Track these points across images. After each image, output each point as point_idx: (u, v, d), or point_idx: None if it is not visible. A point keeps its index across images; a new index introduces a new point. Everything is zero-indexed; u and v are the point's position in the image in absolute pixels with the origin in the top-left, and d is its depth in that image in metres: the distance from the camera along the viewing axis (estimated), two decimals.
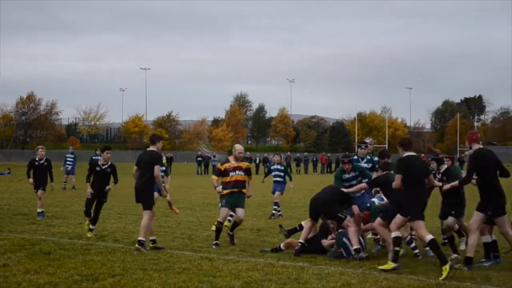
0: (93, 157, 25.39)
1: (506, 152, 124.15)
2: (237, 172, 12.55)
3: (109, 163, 14.28)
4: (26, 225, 15.54)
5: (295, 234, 12.50)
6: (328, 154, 69.82)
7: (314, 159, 67.90)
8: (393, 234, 10.10)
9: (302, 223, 12.38)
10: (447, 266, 9.23)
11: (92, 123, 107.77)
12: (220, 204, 12.75)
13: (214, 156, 59.12)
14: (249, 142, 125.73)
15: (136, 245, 11.84)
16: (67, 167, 31.21)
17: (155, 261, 10.55)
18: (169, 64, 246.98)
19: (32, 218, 17.06)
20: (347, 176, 12.40)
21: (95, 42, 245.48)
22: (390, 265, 9.88)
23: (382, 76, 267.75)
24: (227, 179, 12.52)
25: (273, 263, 10.51)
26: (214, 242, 12.47)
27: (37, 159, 17.80)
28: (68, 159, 31.47)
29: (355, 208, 11.82)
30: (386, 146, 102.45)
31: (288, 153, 67.66)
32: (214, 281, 9.01)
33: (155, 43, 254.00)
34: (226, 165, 12.61)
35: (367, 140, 12.98)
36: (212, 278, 9.18)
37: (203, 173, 54.17)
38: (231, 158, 12.86)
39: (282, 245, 11.81)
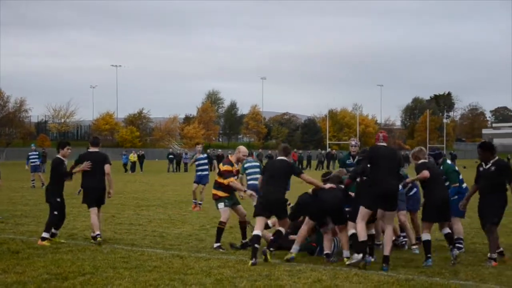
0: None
1: (474, 149, 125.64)
2: (236, 176, 12.27)
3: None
4: None
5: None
6: (300, 151, 69.88)
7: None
8: (352, 231, 10.35)
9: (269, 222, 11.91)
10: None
11: (62, 120, 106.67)
12: (221, 204, 11.96)
13: (186, 154, 58.94)
14: (220, 139, 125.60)
15: (92, 240, 12.29)
16: (33, 165, 30.65)
17: (125, 259, 10.48)
18: (140, 61, 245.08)
19: (1, 217, 16.82)
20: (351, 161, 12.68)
21: (65, 38, 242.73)
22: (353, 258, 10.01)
23: (353, 73, 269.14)
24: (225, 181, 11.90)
25: (245, 260, 10.51)
26: (217, 245, 11.76)
27: None
28: (31, 156, 30.89)
29: None
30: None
31: (260, 150, 67.71)
32: (185, 278, 8.99)
33: (126, 40, 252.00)
34: (235, 168, 12.06)
35: (352, 142, 13.15)
36: (183, 276, 9.17)
37: (174, 170, 53.94)
38: (232, 158, 12.21)
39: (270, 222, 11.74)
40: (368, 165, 10.14)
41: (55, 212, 12.37)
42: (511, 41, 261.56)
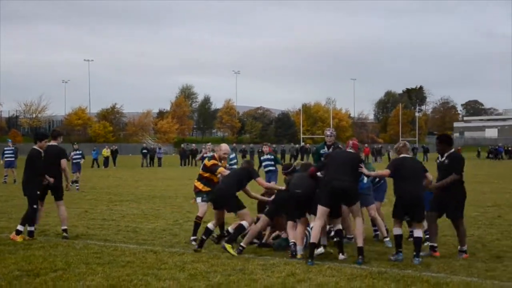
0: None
1: None
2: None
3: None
4: None
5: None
6: (274, 145, 70.11)
7: (260, 150, 68.11)
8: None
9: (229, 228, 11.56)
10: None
11: (34, 115, 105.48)
12: (199, 199, 12.00)
13: (159, 149, 58.69)
14: (193, 134, 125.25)
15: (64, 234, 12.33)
16: (7, 160, 30.39)
17: (98, 255, 10.41)
18: (113, 56, 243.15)
19: None
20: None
21: (36, 33, 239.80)
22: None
23: (326, 67, 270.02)
24: (214, 178, 11.93)
25: (218, 254, 10.51)
26: (192, 237, 11.82)
27: None
28: (6, 152, 30.64)
29: None
30: None
31: (234, 144, 67.69)
32: (158, 273, 8.96)
33: (98, 34, 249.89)
34: (213, 163, 11.91)
35: (328, 132, 13.02)
36: (157, 271, 9.13)
37: (148, 165, 53.70)
38: (216, 156, 12.03)
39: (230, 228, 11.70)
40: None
41: (34, 206, 12.12)
42: (481, 36, 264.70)
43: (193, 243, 11.64)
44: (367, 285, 8.22)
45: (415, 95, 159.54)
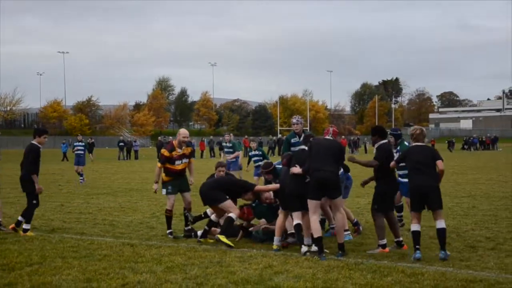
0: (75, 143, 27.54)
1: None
2: (183, 160, 12.05)
3: None
4: None
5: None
6: (251, 137, 70.09)
7: (238, 142, 68.10)
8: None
9: (208, 211, 11.86)
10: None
11: (8, 108, 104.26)
12: (165, 190, 12.00)
13: (135, 141, 58.41)
14: (167, 126, 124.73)
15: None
16: None
17: (74, 249, 10.35)
18: (88, 48, 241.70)
19: None
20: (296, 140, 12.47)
21: (9, 24, 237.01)
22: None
23: (303, 59, 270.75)
24: (172, 167, 11.93)
25: (196, 247, 10.50)
26: (168, 231, 11.87)
27: None
28: None
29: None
30: (308, 128, 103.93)
31: (211, 137, 67.55)
32: (135, 267, 8.93)
33: (74, 26, 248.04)
34: (173, 153, 11.96)
35: (294, 120, 12.91)
36: (134, 264, 9.10)
37: (125, 158, 53.41)
38: (175, 142, 12.11)
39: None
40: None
41: (34, 201, 11.94)
42: (456, 28, 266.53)
43: (170, 236, 11.66)
44: (344, 276, 8.27)
45: (391, 87, 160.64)
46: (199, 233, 11.47)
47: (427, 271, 8.48)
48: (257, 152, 20.11)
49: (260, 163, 19.90)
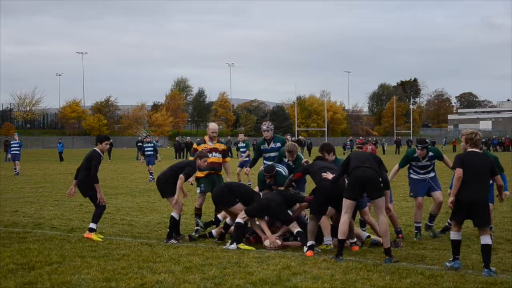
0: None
1: (440, 134, 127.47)
2: (214, 154, 12.20)
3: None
4: None
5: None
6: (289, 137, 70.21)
7: (255, 143, 68.15)
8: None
9: (219, 216, 11.94)
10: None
11: (28, 108, 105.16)
12: (199, 188, 12.23)
13: (156, 141, 58.59)
14: (185, 127, 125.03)
15: None
16: (13, 153, 31.47)
17: (93, 248, 10.41)
18: (107, 48, 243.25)
19: None
20: (267, 147, 12.44)
21: (29, 24, 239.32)
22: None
23: (321, 60, 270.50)
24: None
25: (213, 247, 10.52)
26: (195, 228, 12.01)
27: None
28: (13, 145, 31.74)
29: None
30: (326, 129, 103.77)
31: (229, 137, 67.62)
32: (154, 266, 8.96)
33: (92, 26, 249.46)
34: (203, 146, 12.25)
35: (264, 127, 12.62)
36: (152, 264, 9.13)
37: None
38: (206, 138, 12.42)
39: (214, 232, 11.75)
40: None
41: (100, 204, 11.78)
42: (476, 28, 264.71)
43: (195, 233, 11.78)
44: (362, 278, 8.24)
45: (410, 88, 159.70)
46: (214, 232, 11.61)
47: (446, 273, 8.42)
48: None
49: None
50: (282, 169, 11.53)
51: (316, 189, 10.40)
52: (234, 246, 10.40)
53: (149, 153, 28.38)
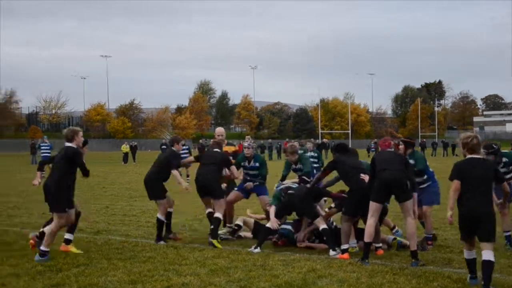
0: None
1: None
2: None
3: None
4: None
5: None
6: (292, 141, 70.04)
7: (278, 145, 68.15)
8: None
9: (238, 222, 12.15)
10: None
11: (53, 111, 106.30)
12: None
13: (183, 145, 58.58)
14: (209, 129, 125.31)
15: None
16: (44, 156, 31.76)
17: (119, 250, 10.48)
18: (131, 51, 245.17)
19: None
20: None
21: (54, 28, 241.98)
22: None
23: (344, 62, 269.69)
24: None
25: (239, 250, 10.53)
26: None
27: None
28: (43, 147, 31.90)
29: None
30: (349, 131, 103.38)
31: (253, 140, 67.61)
32: (179, 269, 9.00)
33: (116, 30, 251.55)
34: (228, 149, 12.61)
35: (245, 144, 12.34)
36: (178, 266, 9.17)
37: None
38: (213, 141, 12.59)
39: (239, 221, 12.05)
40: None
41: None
42: (502, 29, 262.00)
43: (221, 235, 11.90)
44: (389, 281, 8.19)
45: (434, 90, 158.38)
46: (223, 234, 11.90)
47: None
48: (312, 154, 19.94)
49: (315, 165, 19.79)
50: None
51: (352, 190, 10.29)
52: (258, 249, 10.41)
53: (185, 155, 28.48)
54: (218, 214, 11.28)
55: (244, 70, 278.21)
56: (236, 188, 12.37)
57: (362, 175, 10.15)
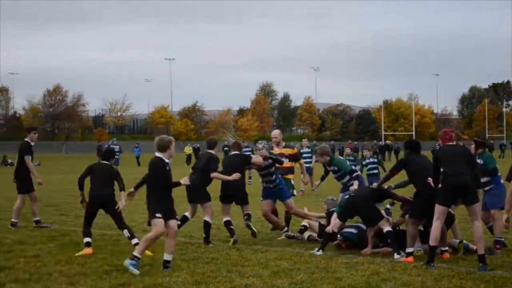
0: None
1: None
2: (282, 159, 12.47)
3: None
4: (56, 216, 15.72)
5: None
6: (355, 142, 69.45)
7: (341, 147, 67.69)
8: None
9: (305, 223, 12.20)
10: None
11: (118, 114, 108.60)
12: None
13: (246, 147, 58.84)
14: (271, 131, 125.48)
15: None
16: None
17: (183, 251, 10.61)
18: (193, 53, 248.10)
19: (62, 210, 17.23)
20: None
21: (119, 32, 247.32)
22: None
23: (408, 62, 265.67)
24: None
25: (301, 252, 10.50)
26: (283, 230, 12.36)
27: None
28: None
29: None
30: (413, 133, 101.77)
31: (314, 142, 67.38)
32: (242, 270, 9.03)
33: (179, 33, 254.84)
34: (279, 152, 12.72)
35: (260, 145, 12.66)
36: (241, 268, 9.21)
37: None
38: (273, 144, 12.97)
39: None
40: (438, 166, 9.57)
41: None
42: None
43: (286, 233, 12.11)
44: (455, 285, 8.02)
45: (502, 90, 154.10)
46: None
47: None
48: (372, 160, 19.86)
49: (374, 171, 19.66)
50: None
51: (419, 193, 10.07)
52: (321, 252, 10.35)
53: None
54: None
55: (306, 71, 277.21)
56: (262, 199, 12.44)
57: (430, 178, 9.86)
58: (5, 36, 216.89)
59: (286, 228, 12.23)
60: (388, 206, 12.02)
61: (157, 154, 9.43)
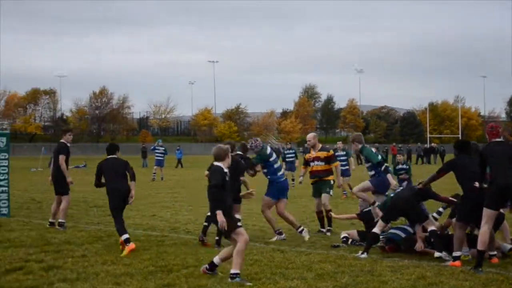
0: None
1: None
2: (316, 162, 13.04)
3: None
4: (102, 217, 15.94)
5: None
6: (399, 145, 68.64)
7: (385, 150, 66.97)
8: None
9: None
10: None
11: (163, 116, 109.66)
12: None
13: (290, 149, 58.84)
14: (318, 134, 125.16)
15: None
16: (157, 159, 32.76)
17: None
18: (236, 55, 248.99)
19: (108, 211, 17.41)
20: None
21: (163, 34, 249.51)
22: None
23: (454, 64, 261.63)
24: (309, 169, 13.27)
25: (345, 255, 10.42)
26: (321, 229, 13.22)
27: None
28: (157, 151, 33.06)
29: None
30: (460, 136, 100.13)
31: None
32: (286, 272, 9.01)
33: (222, 34, 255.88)
34: (308, 155, 13.29)
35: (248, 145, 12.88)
36: (285, 270, 9.19)
37: None
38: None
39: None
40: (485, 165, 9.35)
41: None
42: None
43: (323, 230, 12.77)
44: None
45: None
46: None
47: None
48: (404, 166, 19.67)
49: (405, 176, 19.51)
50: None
51: (466, 196, 9.83)
52: (365, 255, 10.25)
53: (291, 159, 29.31)
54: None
55: (350, 74, 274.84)
56: (273, 200, 12.79)
57: (476, 183, 9.57)
58: (54, 38, 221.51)
59: (301, 227, 12.48)
60: (440, 209, 11.86)
61: (216, 163, 9.18)
